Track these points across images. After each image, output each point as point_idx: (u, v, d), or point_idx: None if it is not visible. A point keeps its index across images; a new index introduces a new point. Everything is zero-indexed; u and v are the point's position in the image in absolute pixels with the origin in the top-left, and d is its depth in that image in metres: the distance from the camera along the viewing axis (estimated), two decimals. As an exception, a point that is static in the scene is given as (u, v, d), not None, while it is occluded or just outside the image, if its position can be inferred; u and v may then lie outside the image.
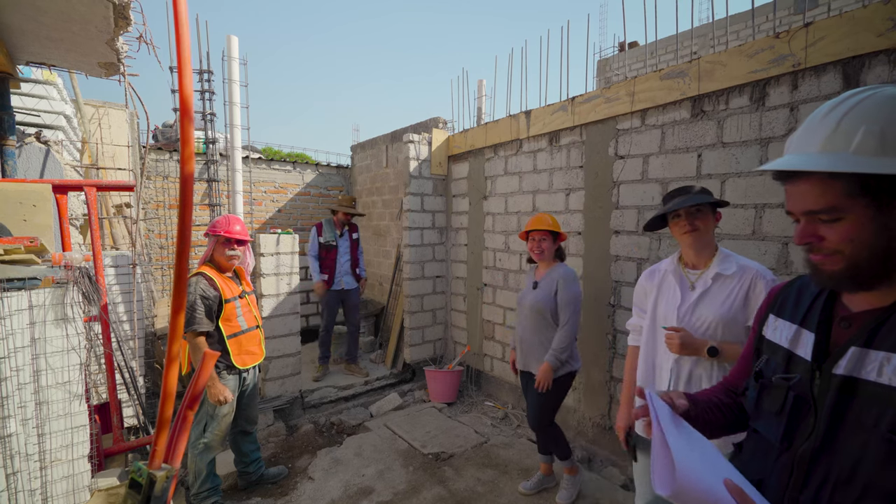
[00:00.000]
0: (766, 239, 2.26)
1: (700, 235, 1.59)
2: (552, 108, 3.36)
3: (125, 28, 2.01)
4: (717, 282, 1.58)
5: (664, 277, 1.72)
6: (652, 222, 1.74)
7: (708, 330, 1.57)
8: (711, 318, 1.56)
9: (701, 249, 1.62)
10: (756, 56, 2.27)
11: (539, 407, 2.46)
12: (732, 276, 1.56)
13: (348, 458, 3.03)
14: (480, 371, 4.20)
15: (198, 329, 2.22)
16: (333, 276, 4.21)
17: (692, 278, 1.65)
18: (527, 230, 2.55)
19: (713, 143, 2.46)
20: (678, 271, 1.69)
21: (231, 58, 3.15)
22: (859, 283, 0.72)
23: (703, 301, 1.60)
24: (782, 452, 0.79)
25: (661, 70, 2.68)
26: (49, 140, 2.73)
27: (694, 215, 1.59)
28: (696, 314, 1.59)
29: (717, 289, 1.58)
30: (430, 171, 4.37)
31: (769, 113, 2.24)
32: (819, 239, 0.72)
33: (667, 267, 1.73)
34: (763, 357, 0.91)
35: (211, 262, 2.41)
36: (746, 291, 1.53)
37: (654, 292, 1.74)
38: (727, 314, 1.54)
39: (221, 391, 2.24)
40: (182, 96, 0.69)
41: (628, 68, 8.95)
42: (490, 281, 4.05)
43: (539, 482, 2.66)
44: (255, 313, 2.52)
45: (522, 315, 2.55)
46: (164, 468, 0.73)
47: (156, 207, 5.07)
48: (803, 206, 0.73)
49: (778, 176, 0.77)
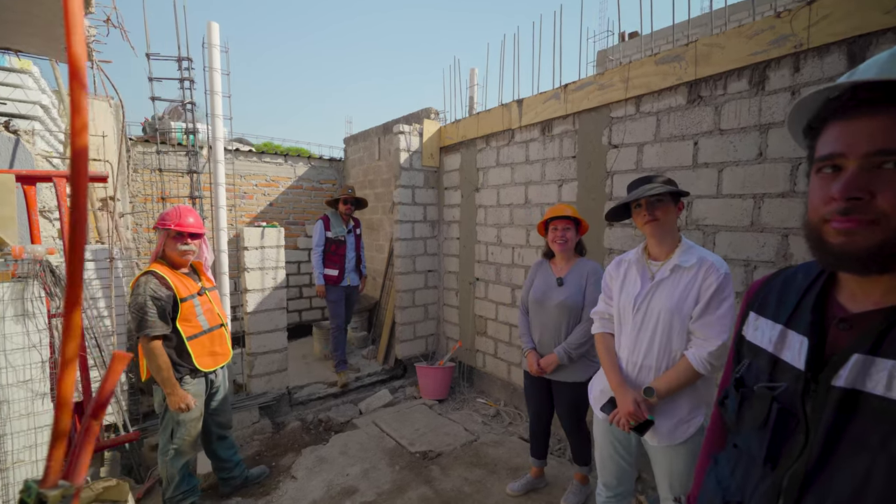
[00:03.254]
0: (765, 230, 2.15)
1: (660, 225, 1.56)
2: (544, 96, 3.24)
3: (87, 9, 1.90)
4: (675, 273, 1.56)
5: (629, 267, 1.71)
6: (614, 212, 1.73)
7: (660, 321, 1.55)
8: (661, 308, 1.55)
9: (662, 240, 1.60)
10: (756, 37, 2.14)
11: (571, 413, 2.38)
12: (690, 268, 1.54)
13: (333, 457, 2.95)
14: (472, 367, 4.11)
15: (150, 333, 2.04)
16: (343, 272, 4.08)
17: (653, 269, 1.63)
18: (546, 219, 2.35)
19: (710, 130, 2.34)
20: (641, 261, 1.67)
21: (211, 45, 3.04)
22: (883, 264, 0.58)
23: (657, 291, 1.58)
24: (766, 473, 0.69)
25: (657, 54, 2.56)
26: (19, 129, 2.63)
27: (654, 205, 1.56)
28: (651, 304, 1.58)
29: (673, 280, 1.56)
30: (421, 163, 4.26)
31: (769, 97, 2.12)
32: (870, 196, 0.57)
33: (632, 257, 1.72)
34: (744, 361, 0.80)
35: (163, 258, 2.22)
36: (700, 285, 1.51)
37: (618, 281, 1.73)
38: (677, 305, 1.52)
39: (182, 398, 2.11)
40: (70, 55, 0.57)
41: (628, 59, 8.78)
42: (482, 275, 3.95)
43: (528, 483, 2.57)
44: (217, 311, 2.36)
45: (545, 315, 2.35)
46: (61, 485, 0.61)
47: (143, 201, 4.98)
48: (870, 144, 0.57)
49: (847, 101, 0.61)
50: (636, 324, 1.61)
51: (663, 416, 1.55)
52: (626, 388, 1.60)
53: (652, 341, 1.57)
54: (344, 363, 4.11)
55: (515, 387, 3.67)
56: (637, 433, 1.57)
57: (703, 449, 0.96)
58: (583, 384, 2.30)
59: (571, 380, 2.30)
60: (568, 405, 2.38)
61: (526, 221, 3.49)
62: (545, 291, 2.38)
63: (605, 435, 1.74)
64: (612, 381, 1.66)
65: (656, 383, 1.53)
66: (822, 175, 0.64)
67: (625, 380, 1.63)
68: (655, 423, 1.54)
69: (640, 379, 1.61)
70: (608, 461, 1.76)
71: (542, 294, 2.38)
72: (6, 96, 2.95)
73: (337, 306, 4.10)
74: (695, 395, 1.55)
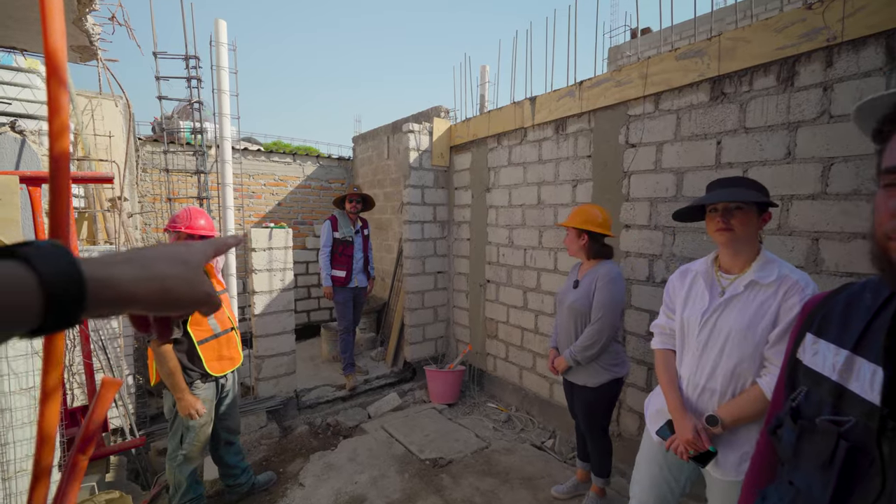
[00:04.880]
0: (793, 234, 2.05)
1: (735, 237, 1.38)
2: (558, 93, 3.15)
3: (90, 6, 1.85)
4: (750, 289, 1.38)
5: (695, 279, 1.54)
6: (684, 212, 1.55)
7: (728, 342, 1.39)
8: (731, 327, 1.38)
9: (737, 252, 1.42)
10: (785, 30, 2.04)
11: (584, 415, 2.36)
12: (769, 286, 1.35)
13: (342, 464, 2.89)
14: (483, 371, 4.04)
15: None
16: (351, 273, 4.02)
17: (724, 283, 1.46)
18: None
19: (734, 128, 2.24)
20: (710, 273, 1.50)
21: (219, 43, 2.99)
22: None
23: (727, 308, 1.41)
24: None
25: (678, 49, 2.46)
26: (25, 130, 2.60)
27: (731, 213, 1.37)
28: (719, 322, 1.41)
29: (746, 297, 1.38)
30: (431, 163, 4.19)
31: (799, 94, 2.01)
32: None
33: (699, 268, 1.54)
34: (801, 389, 0.71)
35: None
36: (779, 305, 1.32)
37: (682, 293, 1.56)
38: (750, 326, 1.34)
39: (192, 404, 2.06)
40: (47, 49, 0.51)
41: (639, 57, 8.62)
42: (493, 277, 3.87)
43: (574, 487, 2.54)
44: (227, 314, 2.32)
45: (562, 315, 2.38)
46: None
47: (153, 201, 4.96)
48: None
49: None
50: (700, 343, 1.44)
51: (728, 446, 1.40)
52: (685, 413, 1.45)
53: (717, 363, 1.41)
54: (352, 366, 4.06)
55: (527, 391, 3.59)
56: (697, 464, 1.44)
57: (747, 480, 0.87)
58: (594, 390, 2.27)
59: (581, 383, 2.31)
60: (581, 408, 2.36)
61: (538, 222, 3.40)
62: (565, 292, 2.41)
63: (653, 456, 1.61)
64: (671, 403, 1.51)
65: (722, 412, 1.38)
66: (888, 188, 0.56)
67: (685, 402, 1.50)
68: (718, 454, 1.41)
69: (701, 402, 1.46)
70: (652, 484, 1.62)
71: (562, 295, 2.42)
72: (13, 96, 2.93)
73: (344, 308, 4.04)
74: None
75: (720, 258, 1.51)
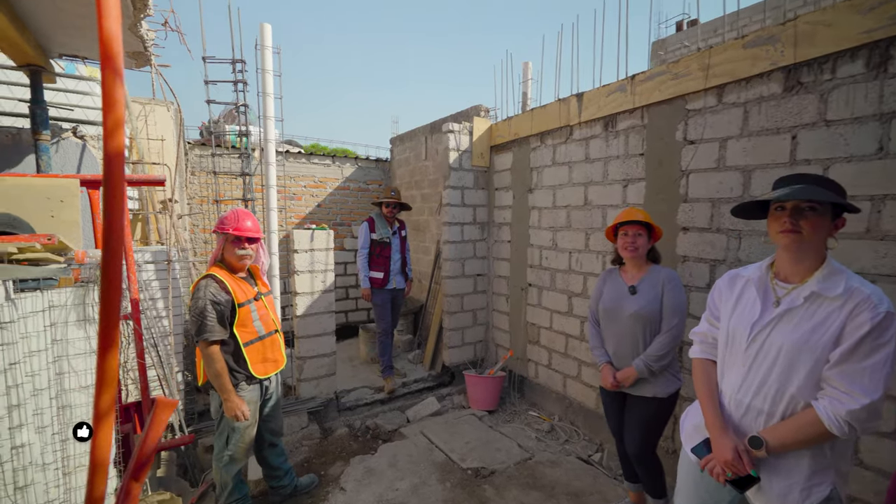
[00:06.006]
0: (885, 238, 1.83)
1: (801, 241, 1.22)
2: (608, 88, 2.99)
3: (144, 12, 1.89)
4: (811, 302, 1.22)
5: (746, 286, 1.38)
6: (745, 207, 1.38)
7: (780, 358, 1.23)
8: (784, 343, 1.22)
9: (800, 259, 1.25)
10: (872, 12, 1.83)
11: (643, 432, 2.14)
12: (835, 299, 1.18)
13: (382, 469, 2.85)
14: (524, 377, 3.91)
15: (210, 338, 2.02)
16: (389, 274, 4.01)
17: (780, 293, 1.29)
18: (616, 224, 2.18)
19: (813, 121, 2.03)
20: (765, 281, 1.34)
21: (264, 46, 3.02)
22: None
23: (782, 321, 1.25)
24: None
25: (745, 37, 2.26)
26: (86, 135, 2.71)
27: (802, 213, 1.21)
28: (771, 336, 1.25)
29: (806, 310, 1.22)
30: (470, 163, 4.10)
31: (893, 81, 1.80)
32: None
33: (751, 274, 1.37)
34: None
35: (221, 262, 2.20)
36: (845, 321, 1.15)
37: (731, 301, 1.40)
38: (807, 342, 1.18)
39: (238, 406, 2.07)
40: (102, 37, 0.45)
41: (687, 50, 8.22)
42: (535, 281, 3.74)
43: None
44: (272, 316, 2.32)
45: (619, 325, 2.17)
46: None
47: (200, 202, 5.13)
48: None
49: None
50: (749, 356, 1.30)
51: (775, 473, 1.25)
52: (726, 431, 1.31)
53: (765, 380, 1.26)
54: (390, 368, 4.03)
55: (571, 401, 3.44)
56: (735, 488, 1.29)
57: None
58: (662, 401, 2.10)
59: (650, 394, 2.11)
60: (638, 420, 2.16)
61: (585, 224, 3.25)
62: (617, 301, 2.19)
63: (693, 481, 1.47)
64: (710, 419, 1.36)
65: (768, 434, 1.23)
66: None
67: (725, 420, 1.35)
68: (762, 480, 1.26)
69: (745, 423, 1.31)
70: None
71: (614, 304, 2.20)
72: (76, 103, 3.07)
73: (383, 310, 4.02)
74: (821, 458, 1.21)
75: (777, 264, 1.34)
